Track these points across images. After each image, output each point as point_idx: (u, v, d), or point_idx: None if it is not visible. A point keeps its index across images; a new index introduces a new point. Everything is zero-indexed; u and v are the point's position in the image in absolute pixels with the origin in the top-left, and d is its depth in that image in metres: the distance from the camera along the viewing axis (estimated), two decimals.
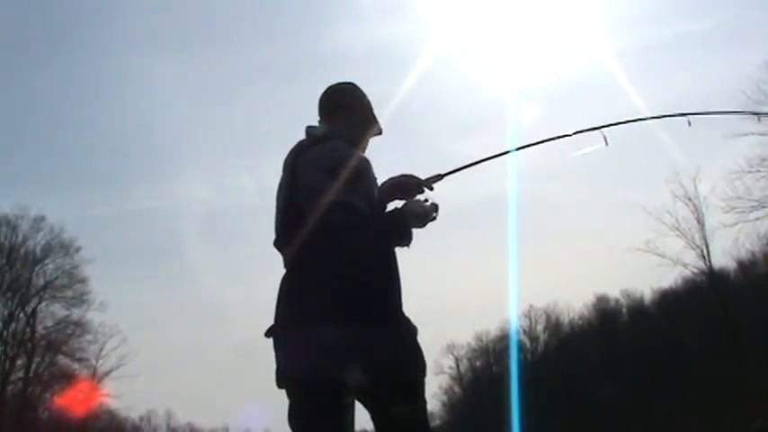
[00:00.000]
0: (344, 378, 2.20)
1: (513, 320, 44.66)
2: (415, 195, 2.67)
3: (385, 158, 2.67)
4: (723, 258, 33.19)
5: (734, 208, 27.21)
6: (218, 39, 74.54)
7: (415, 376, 2.34)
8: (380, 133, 2.75)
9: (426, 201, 2.60)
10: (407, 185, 2.70)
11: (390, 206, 2.65)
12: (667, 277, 42.30)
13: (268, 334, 2.40)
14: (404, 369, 2.30)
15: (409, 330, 2.38)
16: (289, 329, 2.35)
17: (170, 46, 70.86)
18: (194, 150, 70.27)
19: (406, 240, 2.48)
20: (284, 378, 2.34)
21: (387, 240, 2.43)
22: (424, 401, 2.37)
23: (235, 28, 76.53)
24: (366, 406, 2.33)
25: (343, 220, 2.27)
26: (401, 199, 2.66)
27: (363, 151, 2.66)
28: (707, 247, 31.05)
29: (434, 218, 2.59)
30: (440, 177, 2.77)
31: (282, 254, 2.49)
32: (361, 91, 2.76)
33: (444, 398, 55.86)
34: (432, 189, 2.73)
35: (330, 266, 2.29)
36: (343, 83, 2.78)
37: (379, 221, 2.42)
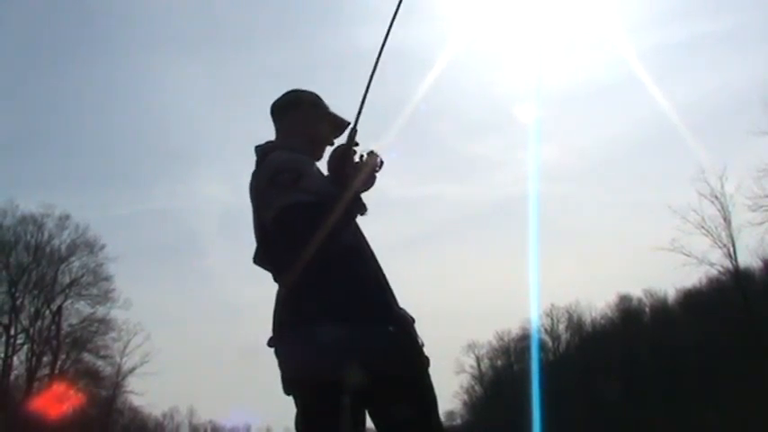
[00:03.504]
0: (343, 379, 2.19)
1: (535, 319, 44.43)
2: (352, 158, 2.51)
3: (389, 158, 2.61)
4: (749, 257, 32.74)
5: (761, 206, 26.88)
6: (236, 40, 75.28)
7: (415, 376, 2.32)
8: (345, 125, 2.63)
9: (362, 156, 2.50)
10: (338, 157, 2.52)
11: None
12: (691, 277, 41.87)
13: (270, 344, 2.41)
14: (403, 369, 2.28)
15: (407, 328, 2.36)
16: (288, 330, 2.36)
17: (189, 48, 71.70)
18: (213, 150, 71.02)
19: (360, 210, 2.43)
20: (286, 381, 2.35)
21: (344, 219, 2.36)
22: (429, 398, 2.34)
23: (252, 30, 77.13)
24: (367, 407, 2.31)
25: (296, 220, 2.27)
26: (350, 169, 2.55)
27: (320, 151, 2.62)
28: (733, 245, 30.67)
29: (379, 162, 2.48)
30: (354, 129, 2.55)
31: (266, 269, 2.50)
32: (303, 94, 2.70)
33: (465, 397, 55.81)
34: (357, 144, 2.54)
35: (315, 270, 2.27)
36: (285, 93, 2.72)
37: (329, 205, 2.33)
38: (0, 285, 34.54)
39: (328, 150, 2.61)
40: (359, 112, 2.54)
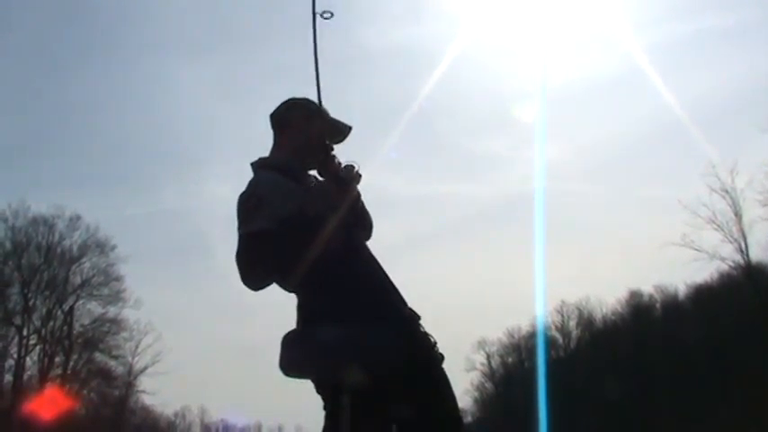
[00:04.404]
0: (343, 379, 2.19)
1: (540, 316, 44.22)
2: (332, 162, 2.55)
3: (390, 158, 2.57)
4: (761, 252, 32.51)
5: None
6: (246, 41, 75.49)
7: (416, 375, 2.29)
8: (345, 130, 2.65)
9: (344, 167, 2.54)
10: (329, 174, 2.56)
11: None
12: (703, 272, 41.65)
13: None
14: (404, 368, 2.25)
15: (410, 326, 2.36)
16: (291, 331, 2.39)
17: (199, 50, 71.99)
18: (223, 151, 71.11)
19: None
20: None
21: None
22: (438, 397, 2.32)
23: (259, 30, 77.39)
24: (369, 407, 2.27)
25: (250, 248, 2.30)
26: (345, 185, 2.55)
27: (314, 155, 2.59)
28: (745, 240, 30.48)
29: (357, 175, 2.51)
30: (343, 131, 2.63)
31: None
32: (297, 100, 2.69)
33: (476, 394, 55.75)
34: (334, 144, 2.60)
35: (315, 272, 2.30)
36: (279, 105, 2.71)
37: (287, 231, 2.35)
38: (12, 286, 34.83)
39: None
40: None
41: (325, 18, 2.56)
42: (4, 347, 34.47)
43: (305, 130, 2.61)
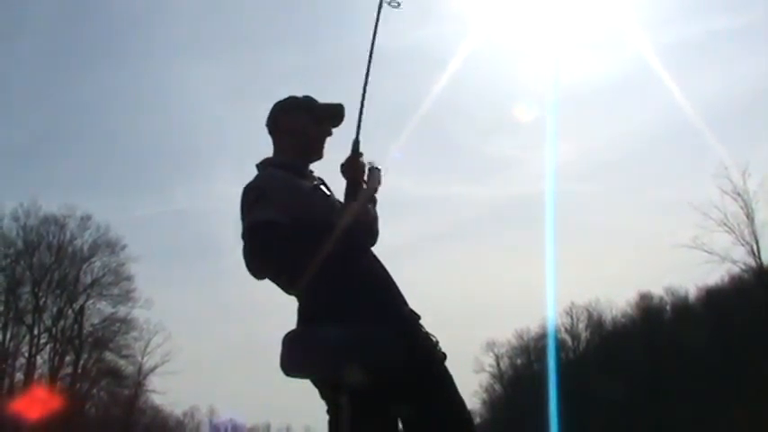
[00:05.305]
0: (342, 379, 2.19)
1: (551, 318, 44.11)
2: (360, 167, 2.56)
3: (395, 158, 2.57)
4: None
5: None
6: (254, 42, 75.80)
7: (416, 375, 2.28)
8: (338, 110, 2.65)
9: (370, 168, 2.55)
10: (348, 167, 2.58)
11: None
12: (713, 274, 41.37)
13: None
14: (404, 368, 2.24)
15: (411, 327, 2.36)
16: (291, 331, 2.38)
17: (209, 50, 72.35)
18: (233, 151, 71.20)
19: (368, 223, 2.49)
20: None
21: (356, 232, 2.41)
22: (440, 396, 2.31)
23: (270, 31, 77.53)
24: (368, 407, 2.26)
25: (252, 239, 2.31)
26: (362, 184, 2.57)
27: (315, 149, 2.61)
28: (756, 243, 30.27)
29: (375, 172, 2.54)
30: (357, 140, 2.58)
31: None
32: (280, 102, 2.69)
33: (485, 396, 55.63)
34: (362, 154, 2.58)
35: (316, 272, 2.31)
36: (270, 110, 2.70)
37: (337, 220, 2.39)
38: (23, 285, 35.05)
39: (330, 143, 2.64)
40: (359, 121, 2.56)
41: (393, 7, 2.51)
42: (14, 346, 34.71)
43: (296, 129, 2.62)
